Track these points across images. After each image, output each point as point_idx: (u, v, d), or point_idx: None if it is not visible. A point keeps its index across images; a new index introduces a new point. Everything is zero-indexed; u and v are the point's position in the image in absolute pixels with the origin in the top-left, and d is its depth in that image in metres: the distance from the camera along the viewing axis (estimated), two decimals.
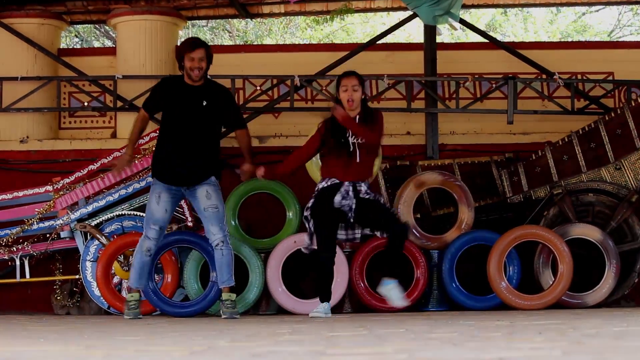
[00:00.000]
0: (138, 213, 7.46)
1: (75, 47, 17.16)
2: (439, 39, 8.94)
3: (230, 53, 9.34)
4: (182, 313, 6.70)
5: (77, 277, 7.75)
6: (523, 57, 8.64)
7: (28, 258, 7.76)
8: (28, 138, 8.71)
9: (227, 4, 9.31)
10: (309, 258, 6.80)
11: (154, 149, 6.43)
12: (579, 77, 8.79)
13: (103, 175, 7.56)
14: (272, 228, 7.69)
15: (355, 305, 7.39)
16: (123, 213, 7.52)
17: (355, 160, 6.21)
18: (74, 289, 7.94)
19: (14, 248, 7.70)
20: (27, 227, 7.64)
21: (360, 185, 6.21)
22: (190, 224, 7.38)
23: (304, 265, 7.43)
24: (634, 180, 7.42)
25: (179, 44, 6.37)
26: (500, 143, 8.49)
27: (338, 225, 6.26)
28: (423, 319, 5.36)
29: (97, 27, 17.18)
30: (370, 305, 7.18)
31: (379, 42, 9.01)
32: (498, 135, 8.62)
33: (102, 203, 7.54)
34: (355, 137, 6.20)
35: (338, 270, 6.67)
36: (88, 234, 7.49)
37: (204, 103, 6.22)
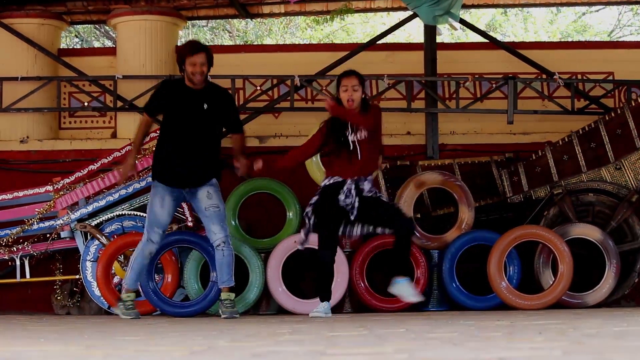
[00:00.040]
0: (138, 213, 7.46)
1: (76, 47, 17.16)
2: (439, 39, 8.94)
3: (231, 53, 9.33)
4: (182, 313, 6.70)
5: (77, 277, 7.75)
6: (523, 57, 8.64)
7: (28, 258, 7.76)
8: (28, 138, 8.71)
9: (227, 4, 9.31)
10: (309, 258, 6.81)
11: (154, 151, 6.42)
12: (579, 77, 8.79)
13: (103, 175, 7.56)
14: (272, 228, 7.69)
15: (356, 305, 7.39)
16: (123, 213, 7.52)
17: (357, 158, 6.22)
18: (74, 289, 7.94)
19: (14, 248, 7.70)
20: (27, 227, 7.64)
21: (363, 183, 6.21)
22: (191, 224, 7.38)
23: (304, 266, 7.44)
24: (634, 180, 7.41)
25: (180, 47, 6.34)
26: (501, 143, 8.49)
27: (340, 225, 6.27)
28: (423, 319, 5.36)
29: (97, 27, 17.18)
30: (371, 305, 7.18)
31: (379, 42, 9.01)
32: (498, 135, 8.62)
33: (102, 203, 7.54)
34: (354, 133, 6.22)
35: (338, 270, 6.67)
36: (88, 234, 7.49)
37: (205, 106, 6.22)
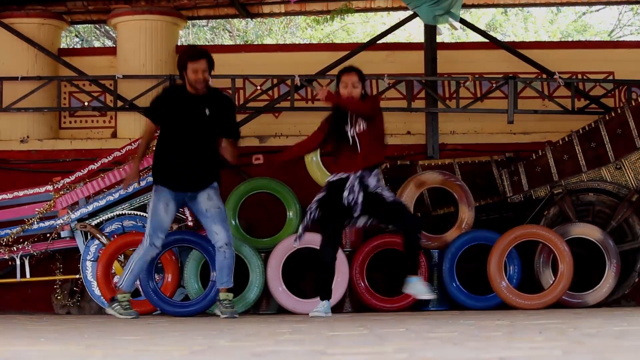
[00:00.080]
0: (138, 213, 7.46)
1: (76, 47, 17.17)
2: (439, 39, 8.94)
3: (231, 53, 9.33)
4: (182, 312, 6.70)
5: (77, 276, 7.75)
6: (523, 56, 8.64)
7: (28, 258, 7.77)
8: (28, 138, 8.71)
9: (227, 4, 9.30)
10: (309, 257, 6.80)
11: (154, 155, 6.41)
12: (579, 76, 8.79)
13: (103, 175, 7.56)
14: (272, 228, 7.69)
15: (356, 305, 7.39)
16: (123, 213, 7.52)
17: (358, 151, 6.21)
18: (74, 289, 7.94)
19: (15, 248, 7.70)
20: (27, 226, 7.64)
21: (368, 179, 6.19)
22: (191, 224, 7.38)
23: (304, 265, 7.43)
24: (634, 180, 7.41)
25: (181, 53, 6.30)
26: (501, 143, 8.49)
27: (343, 224, 6.27)
28: (423, 319, 5.36)
29: (97, 27, 17.18)
30: (371, 305, 7.19)
31: (379, 41, 9.01)
32: (498, 135, 8.62)
33: (102, 203, 7.54)
34: (353, 127, 6.20)
35: (338, 270, 6.67)
36: (88, 234, 7.49)
37: (207, 112, 6.23)
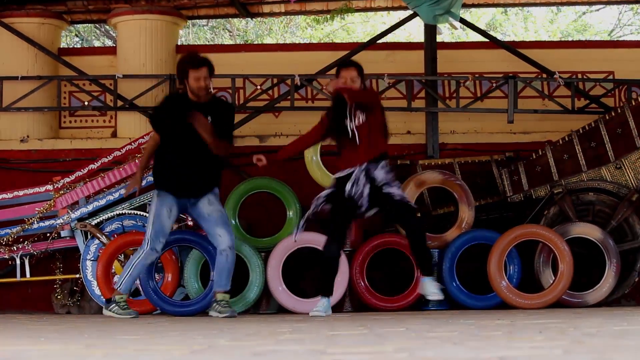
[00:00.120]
0: (138, 212, 7.46)
1: (76, 46, 17.17)
2: (439, 38, 8.94)
3: (231, 52, 9.34)
4: (182, 312, 6.70)
5: (77, 276, 7.75)
6: (523, 56, 8.64)
7: (28, 257, 7.77)
8: (28, 137, 8.71)
9: (227, 4, 9.30)
10: (309, 256, 6.80)
11: (155, 161, 6.41)
12: (580, 76, 8.79)
13: (103, 175, 7.56)
14: (272, 227, 7.69)
15: (356, 305, 7.39)
16: (123, 212, 7.52)
17: (358, 143, 6.19)
18: (75, 288, 7.94)
19: (15, 247, 7.70)
20: (27, 226, 7.64)
21: (374, 172, 6.17)
22: (191, 224, 7.38)
23: (304, 265, 7.43)
24: (634, 180, 7.41)
25: (182, 61, 6.29)
26: (501, 142, 8.49)
27: (350, 220, 6.27)
28: (423, 318, 5.36)
29: (97, 26, 17.18)
30: (371, 305, 7.19)
31: (380, 41, 9.00)
32: (498, 135, 8.62)
33: (102, 202, 7.54)
34: (352, 120, 6.19)
35: (339, 269, 6.66)
36: (88, 233, 7.49)
37: (209, 119, 6.25)
